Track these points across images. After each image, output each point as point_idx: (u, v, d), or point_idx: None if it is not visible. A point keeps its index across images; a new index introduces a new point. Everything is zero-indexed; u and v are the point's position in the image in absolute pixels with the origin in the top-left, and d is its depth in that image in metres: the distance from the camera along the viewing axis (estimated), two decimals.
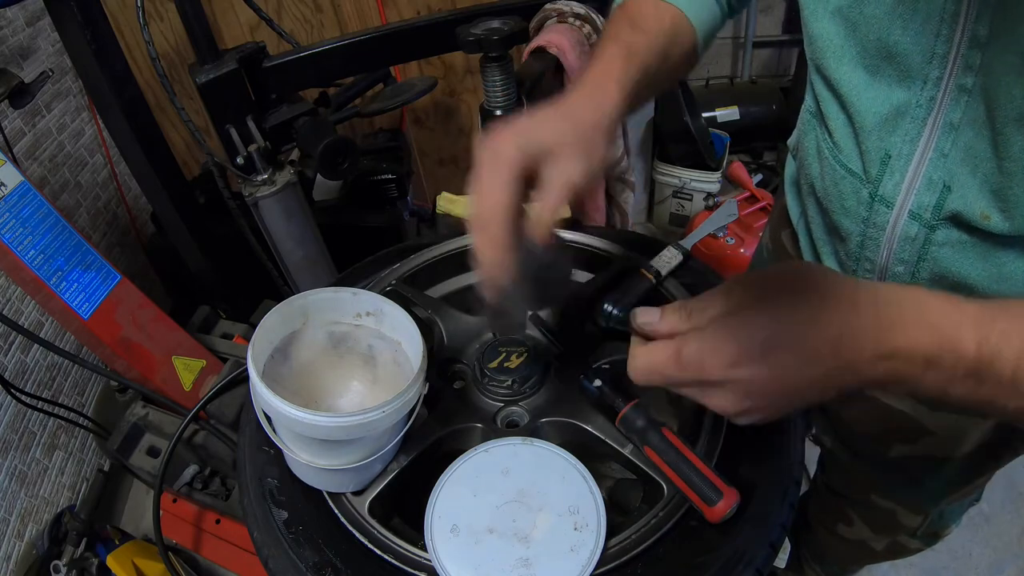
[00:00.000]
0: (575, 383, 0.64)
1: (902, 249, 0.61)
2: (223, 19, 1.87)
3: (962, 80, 0.50)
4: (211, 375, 1.18)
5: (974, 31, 0.48)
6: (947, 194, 0.55)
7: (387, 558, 0.53)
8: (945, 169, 0.55)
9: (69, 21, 1.07)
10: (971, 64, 0.49)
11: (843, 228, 0.67)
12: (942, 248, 0.58)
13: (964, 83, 0.50)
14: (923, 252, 0.60)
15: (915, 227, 0.59)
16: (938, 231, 0.58)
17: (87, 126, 1.90)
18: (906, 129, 0.56)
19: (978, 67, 0.49)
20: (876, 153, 0.59)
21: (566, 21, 1.16)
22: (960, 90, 0.51)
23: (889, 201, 0.60)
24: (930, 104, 0.53)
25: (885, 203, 0.60)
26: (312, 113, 1.18)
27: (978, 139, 0.51)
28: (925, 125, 0.54)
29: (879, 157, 0.59)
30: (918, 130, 0.55)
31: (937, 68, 0.52)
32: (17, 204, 0.92)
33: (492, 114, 1.00)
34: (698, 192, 2.26)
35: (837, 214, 0.67)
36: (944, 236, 0.58)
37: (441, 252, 0.81)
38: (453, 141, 2.12)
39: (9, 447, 1.40)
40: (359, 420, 0.52)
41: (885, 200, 0.60)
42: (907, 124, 0.56)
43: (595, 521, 0.51)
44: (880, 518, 0.94)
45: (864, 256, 0.65)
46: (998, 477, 1.62)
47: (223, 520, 1.15)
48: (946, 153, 0.54)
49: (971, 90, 0.50)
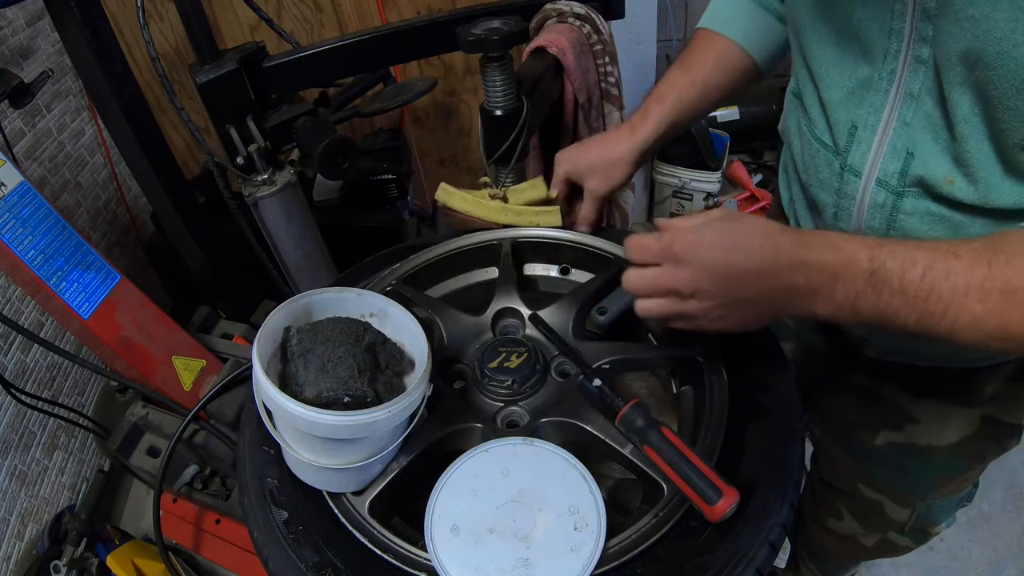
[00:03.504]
0: (575, 383, 0.64)
1: (872, 217, 0.63)
2: (223, 19, 1.87)
3: (918, 51, 0.54)
4: (211, 375, 1.18)
5: (924, 4, 0.52)
6: (911, 160, 0.58)
7: (387, 558, 0.53)
8: (908, 137, 0.58)
9: (69, 21, 1.07)
10: (924, 36, 0.53)
11: (820, 201, 0.70)
12: (910, 217, 0.61)
13: (920, 54, 0.54)
14: (891, 220, 0.62)
15: (882, 194, 0.62)
16: (905, 199, 0.60)
17: (87, 126, 1.90)
18: (871, 101, 0.60)
19: (931, 38, 0.53)
20: (844, 125, 0.63)
21: (566, 21, 1.16)
22: (917, 61, 0.55)
23: (857, 170, 0.63)
24: (891, 76, 0.57)
25: (854, 172, 0.63)
26: (312, 113, 1.18)
27: (935, 107, 0.55)
28: (888, 96, 0.58)
29: (847, 129, 0.63)
30: (881, 101, 0.59)
31: (895, 42, 0.56)
32: (17, 204, 0.92)
33: (492, 114, 1.00)
34: (698, 192, 2.26)
35: (814, 187, 0.70)
36: (911, 205, 0.60)
37: (441, 252, 0.81)
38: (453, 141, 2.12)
39: (9, 447, 1.40)
40: (364, 419, 0.52)
41: (853, 169, 0.63)
42: (872, 96, 0.60)
43: (595, 521, 0.51)
44: (868, 511, 0.95)
45: (838, 227, 0.68)
46: (998, 477, 1.63)
47: (223, 520, 1.15)
48: (908, 122, 0.58)
49: (926, 60, 0.54)
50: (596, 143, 0.83)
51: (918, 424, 0.81)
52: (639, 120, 0.81)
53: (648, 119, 0.80)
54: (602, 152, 0.82)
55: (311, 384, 0.56)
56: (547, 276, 0.84)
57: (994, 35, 0.46)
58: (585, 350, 0.66)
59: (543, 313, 0.72)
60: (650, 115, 0.81)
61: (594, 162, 0.81)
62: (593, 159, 0.82)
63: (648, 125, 0.80)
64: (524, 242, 0.82)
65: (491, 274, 0.82)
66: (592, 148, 0.83)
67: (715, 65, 0.81)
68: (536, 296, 0.81)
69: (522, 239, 0.81)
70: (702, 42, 0.82)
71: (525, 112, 0.99)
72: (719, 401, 0.61)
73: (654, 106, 0.81)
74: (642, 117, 0.81)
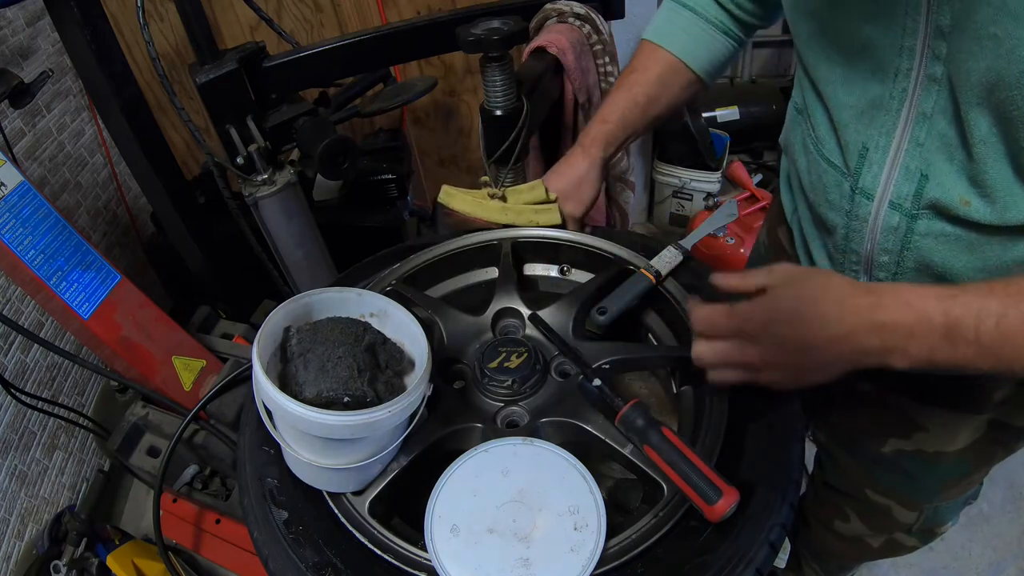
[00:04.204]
0: (575, 383, 0.64)
1: (885, 239, 0.63)
2: (223, 19, 1.87)
3: (931, 70, 0.53)
4: (211, 375, 1.18)
5: (937, 21, 0.50)
6: (925, 183, 0.57)
7: (387, 558, 0.53)
8: (921, 158, 0.57)
9: (69, 21, 1.07)
10: (938, 54, 0.52)
11: (829, 221, 0.69)
12: (925, 239, 0.60)
13: (933, 72, 0.53)
14: (906, 242, 0.61)
15: (896, 217, 0.60)
16: (919, 221, 0.59)
17: (87, 126, 1.90)
18: (882, 121, 0.58)
19: (944, 56, 0.51)
20: (855, 146, 0.62)
21: (566, 21, 1.16)
22: (930, 80, 0.53)
23: (869, 192, 0.62)
24: (903, 96, 0.56)
25: (865, 195, 0.62)
26: (312, 113, 1.18)
27: (949, 127, 0.54)
28: (900, 116, 0.57)
29: (857, 150, 0.61)
30: (893, 122, 0.58)
31: (907, 60, 0.54)
32: (17, 204, 0.92)
33: (492, 114, 1.00)
34: (698, 192, 2.26)
35: (822, 207, 0.69)
36: (926, 227, 0.59)
37: (441, 252, 0.81)
38: (453, 141, 2.12)
39: (9, 447, 1.40)
40: (364, 419, 0.52)
41: (865, 192, 0.62)
42: (883, 116, 0.58)
43: (595, 521, 0.51)
44: (876, 514, 0.95)
45: (850, 248, 0.67)
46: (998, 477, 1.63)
47: (223, 520, 1.15)
48: (921, 143, 0.56)
49: (939, 79, 0.53)
50: (558, 170, 0.85)
51: (927, 432, 0.79)
52: (588, 142, 0.83)
53: (596, 140, 0.83)
54: (567, 177, 0.84)
55: (311, 384, 0.56)
56: (547, 276, 0.84)
57: (1018, 54, 0.45)
58: (585, 350, 0.66)
59: (543, 313, 0.72)
60: (597, 136, 0.83)
61: (564, 188, 0.83)
62: (562, 185, 0.83)
63: (597, 144, 0.83)
64: (524, 242, 0.82)
65: (491, 274, 0.82)
66: (558, 176, 0.84)
67: (657, 83, 0.83)
68: (536, 296, 0.81)
69: (522, 239, 0.81)
70: (644, 57, 0.84)
71: (525, 112, 1.00)
72: (719, 401, 0.61)
73: (599, 127, 0.83)
74: (591, 139, 0.83)
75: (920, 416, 0.79)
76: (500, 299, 0.74)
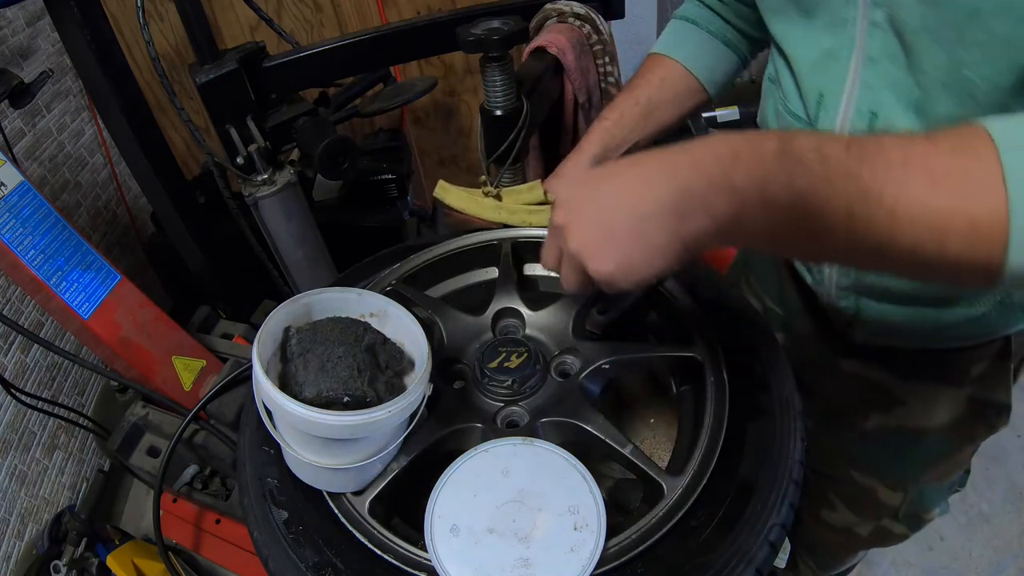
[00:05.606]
0: (575, 383, 0.64)
1: None
2: (223, 19, 1.87)
3: (873, 15, 0.57)
4: (211, 375, 1.17)
5: None
6: (875, 120, 0.61)
7: (387, 558, 0.53)
8: (871, 99, 0.61)
9: (69, 21, 1.07)
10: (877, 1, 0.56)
11: None
12: None
13: (875, 18, 0.57)
14: None
15: None
16: None
17: (87, 126, 1.90)
18: (836, 69, 0.62)
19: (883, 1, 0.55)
20: (812, 94, 0.66)
21: (566, 21, 1.16)
22: (873, 25, 0.57)
23: None
24: (851, 43, 0.60)
25: None
26: (312, 113, 1.18)
27: (894, 66, 0.58)
28: (850, 63, 0.61)
29: (815, 98, 0.66)
30: (845, 68, 0.62)
31: (852, 9, 0.58)
32: (17, 204, 0.92)
33: (492, 114, 1.00)
34: None
35: None
36: None
37: (441, 252, 0.81)
38: (453, 141, 2.12)
39: (9, 447, 1.40)
40: (364, 419, 0.52)
41: None
42: (836, 65, 0.62)
43: (595, 521, 0.51)
44: (860, 497, 0.96)
45: None
46: (998, 477, 1.63)
47: (223, 520, 1.14)
48: (870, 84, 0.60)
49: (880, 23, 0.57)
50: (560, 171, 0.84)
51: (906, 406, 0.82)
52: (584, 141, 0.84)
53: (591, 136, 0.83)
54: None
55: (311, 384, 0.56)
56: (547, 276, 0.84)
57: None
58: (585, 350, 0.66)
59: (543, 313, 0.72)
60: (592, 132, 0.84)
61: None
62: None
63: (591, 140, 0.83)
64: (524, 242, 0.82)
65: (491, 274, 0.82)
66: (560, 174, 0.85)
67: (659, 84, 0.84)
68: (536, 296, 0.81)
69: (522, 239, 0.81)
70: (649, 64, 0.86)
71: (525, 112, 1.00)
72: (719, 401, 0.61)
73: (596, 126, 0.84)
74: (588, 139, 0.84)
75: (899, 390, 0.82)
76: (500, 299, 0.74)
